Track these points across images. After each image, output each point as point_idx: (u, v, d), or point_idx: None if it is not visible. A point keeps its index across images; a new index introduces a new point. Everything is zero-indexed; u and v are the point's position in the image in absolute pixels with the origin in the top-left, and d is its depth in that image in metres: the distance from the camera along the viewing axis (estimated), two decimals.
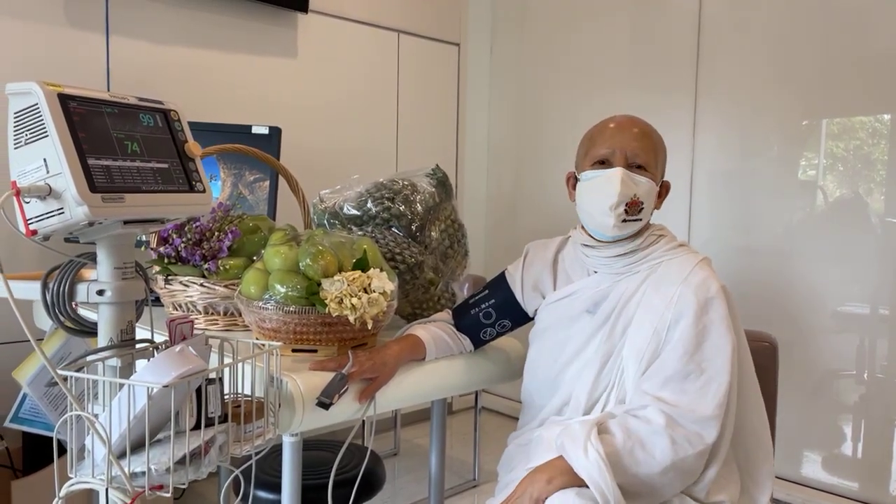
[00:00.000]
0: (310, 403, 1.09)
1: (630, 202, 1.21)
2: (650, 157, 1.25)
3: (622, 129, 1.26)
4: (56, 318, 0.93)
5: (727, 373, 1.16)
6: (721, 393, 1.14)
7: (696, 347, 1.17)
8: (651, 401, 1.15)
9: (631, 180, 1.22)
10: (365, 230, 1.50)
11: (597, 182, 1.24)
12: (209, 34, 2.50)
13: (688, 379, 1.15)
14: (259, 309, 1.19)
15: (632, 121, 1.28)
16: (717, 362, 1.16)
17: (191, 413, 0.89)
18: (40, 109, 0.82)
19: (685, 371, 1.16)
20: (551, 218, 3.02)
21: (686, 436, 1.12)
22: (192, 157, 0.99)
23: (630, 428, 1.13)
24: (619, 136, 1.25)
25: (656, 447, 1.11)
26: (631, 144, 1.23)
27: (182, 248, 1.35)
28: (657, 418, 1.12)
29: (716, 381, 1.15)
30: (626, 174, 1.22)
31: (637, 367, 1.20)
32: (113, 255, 0.92)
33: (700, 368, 1.16)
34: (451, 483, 2.59)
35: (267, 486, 1.52)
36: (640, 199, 1.22)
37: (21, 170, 0.84)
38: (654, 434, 1.11)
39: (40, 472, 1.93)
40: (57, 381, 0.81)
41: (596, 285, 1.29)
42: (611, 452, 1.09)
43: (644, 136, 1.25)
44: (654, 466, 1.10)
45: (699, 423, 1.13)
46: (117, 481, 0.81)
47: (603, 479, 1.06)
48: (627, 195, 1.21)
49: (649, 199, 1.24)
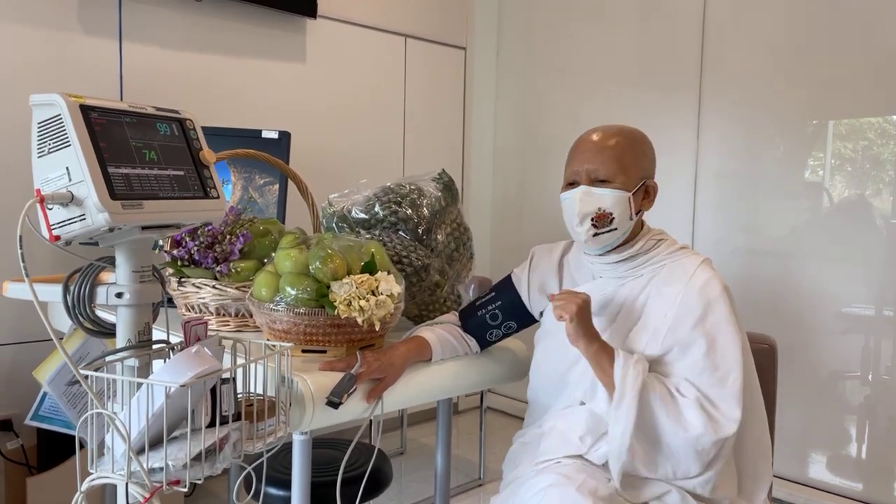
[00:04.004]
0: (320, 403, 1.12)
1: (596, 216, 1.26)
2: (611, 167, 1.27)
3: (584, 148, 1.31)
4: (76, 320, 0.96)
5: (739, 368, 1.20)
6: (737, 387, 1.19)
7: (710, 347, 1.21)
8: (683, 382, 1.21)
9: (591, 196, 1.26)
10: (372, 233, 1.53)
11: (566, 203, 1.31)
12: (220, 40, 2.54)
13: (703, 375, 1.20)
14: (270, 311, 1.22)
15: (599, 135, 1.31)
16: (729, 359, 1.21)
17: (206, 411, 0.92)
18: (63, 120, 0.86)
19: (701, 367, 1.20)
20: (556, 221, 3.02)
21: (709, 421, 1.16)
22: (206, 164, 1.02)
23: (668, 387, 1.20)
24: (581, 155, 1.30)
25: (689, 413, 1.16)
26: (591, 161, 1.28)
27: (195, 250, 1.38)
28: (689, 392, 1.19)
29: (730, 375, 1.20)
30: (585, 192, 1.27)
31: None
32: (131, 259, 0.95)
33: (714, 365, 1.20)
34: (457, 482, 2.61)
35: (277, 483, 1.56)
36: (606, 210, 1.26)
37: (44, 177, 0.87)
38: (686, 405, 1.17)
39: (55, 469, 1.97)
40: (79, 380, 0.85)
41: (601, 289, 1.32)
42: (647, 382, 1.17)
43: (605, 150, 1.28)
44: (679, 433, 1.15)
45: (724, 418, 1.17)
46: (136, 476, 0.85)
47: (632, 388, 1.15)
48: (590, 212, 1.26)
49: (619, 208, 1.27)
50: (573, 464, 1.19)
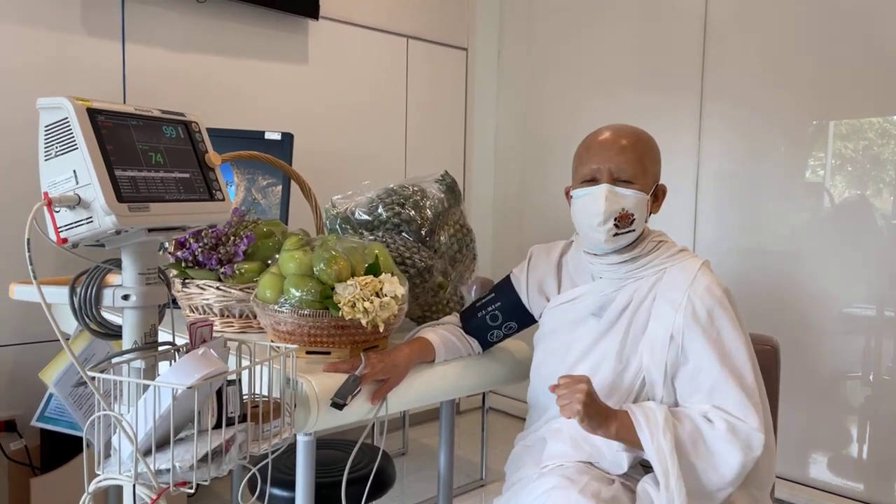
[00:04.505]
0: (324, 404, 1.13)
1: (619, 216, 1.25)
2: (636, 168, 1.27)
3: (606, 146, 1.28)
4: (83, 322, 0.97)
5: (750, 368, 1.21)
6: (755, 390, 1.20)
7: (721, 354, 1.21)
8: (710, 409, 1.20)
9: (615, 195, 1.25)
10: (376, 235, 1.53)
11: (585, 200, 1.27)
12: (222, 41, 2.55)
13: (727, 384, 1.20)
14: (274, 312, 1.23)
15: (617, 134, 1.29)
16: (739, 362, 1.22)
17: (212, 413, 0.93)
18: (70, 123, 0.86)
19: (721, 376, 1.20)
20: (557, 221, 3.04)
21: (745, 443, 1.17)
22: (212, 166, 1.03)
23: (697, 424, 1.18)
24: (604, 152, 1.27)
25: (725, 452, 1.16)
26: (615, 160, 1.26)
27: (199, 252, 1.39)
28: (718, 419, 1.18)
29: (746, 379, 1.20)
30: (611, 190, 1.25)
31: (661, 375, 1.24)
32: (137, 261, 0.96)
33: (731, 372, 1.20)
34: (459, 482, 2.62)
35: (281, 484, 1.56)
36: (629, 211, 1.25)
37: (52, 180, 0.88)
38: (718, 438, 1.17)
39: (58, 470, 1.98)
40: (86, 381, 0.85)
41: (601, 290, 1.32)
42: (676, 436, 1.15)
43: (628, 149, 1.27)
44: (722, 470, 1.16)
45: (751, 433, 1.17)
46: (143, 478, 0.85)
47: (672, 463, 1.12)
48: (614, 211, 1.24)
49: (640, 210, 1.27)
50: (576, 466, 1.20)
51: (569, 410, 1.13)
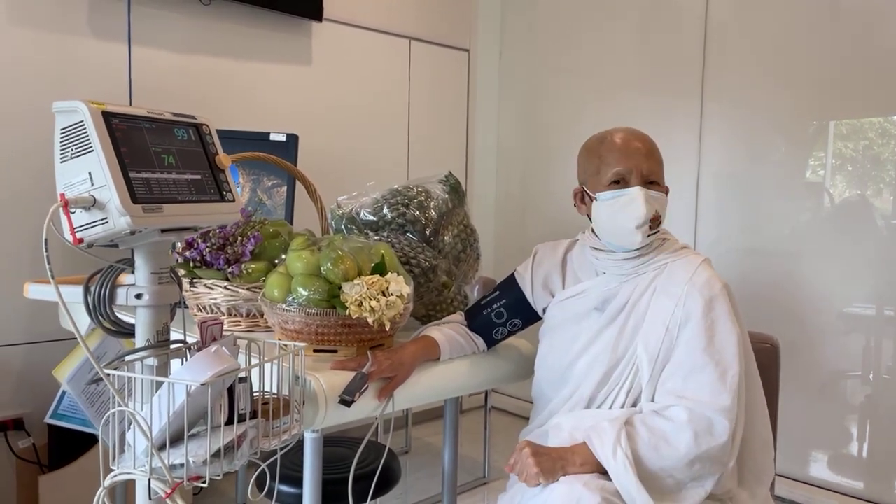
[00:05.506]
0: (332, 401, 1.15)
1: (652, 218, 1.28)
2: (660, 171, 1.32)
3: (633, 148, 1.30)
4: (97, 320, 0.99)
5: (737, 363, 1.23)
6: (735, 382, 1.22)
7: (709, 341, 1.24)
8: (675, 400, 1.22)
9: (651, 198, 1.28)
10: (381, 235, 1.55)
11: (619, 203, 1.28)
12: (227, 43, 2.57)
13: (704, 371, 1.22)
14: (282, 311, 1.25)
15: (639, 137, 1.33)
16: (727, 354, 1.24)
17: (223, 409, 0.95)
18: (86, 126, 0.88)
19: (702, 363, 1.23)
20: (559, 221, 3.06)
21: (708, 427, 1.19)
22: (222, 168, 1.05)
23: (655, 426, 1.20)
24: (635, 155, 1.29)
25: (680, 442, 1.18)
26: (646, 163, 1.29)
27: (207, 252, 1.41)
28: (680, 415, 1.20)
29: (729, 371, 1.22)
30: (647, 193, 1.28)
31: (651, 365, 1.26)
32: (150, 261, 0.98)
33: (714, 360, 1.23)
34: (462, 480, 2.64)
35: (288, 480, 1.58)
36: (660, 213, 1.29)
37: (67, 182, 0.89)
38: (677, 430, 1.19)
39: (66, 468, 2.00)
40: (102, 377, 0.87)
41: (605, 285, 1.35)
42: (635, 449, 1.17)
43: (654, 153, 1.32)
44: (680, 460, 1.18)
45: (720, 413, 1.19)
46: (157, 472, 0.87)
47: (628, 478, 1.14)
48: (651, 213, 1.27)
49: (664, 211, 1.31)
50: None
51: (530, 479, 1.19)
